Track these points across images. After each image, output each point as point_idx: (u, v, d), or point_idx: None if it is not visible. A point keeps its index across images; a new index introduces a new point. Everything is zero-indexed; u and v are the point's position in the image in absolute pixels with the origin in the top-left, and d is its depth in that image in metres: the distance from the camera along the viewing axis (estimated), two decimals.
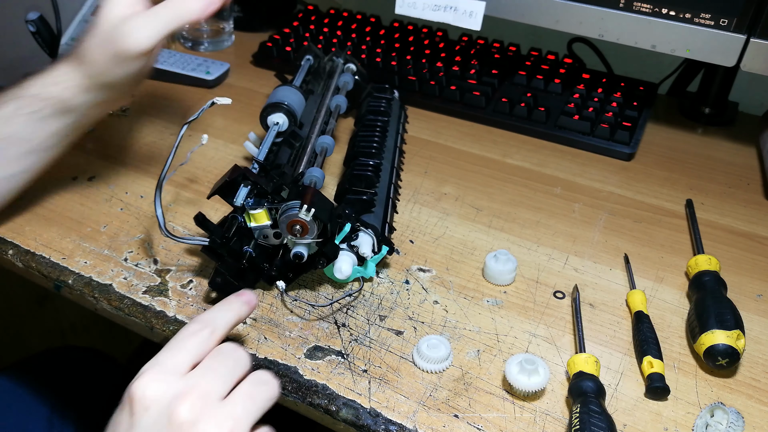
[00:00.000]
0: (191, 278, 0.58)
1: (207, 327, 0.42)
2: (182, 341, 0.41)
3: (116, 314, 0.55)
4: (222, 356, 0.41)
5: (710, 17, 0.71)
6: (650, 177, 0.76)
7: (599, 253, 0.64)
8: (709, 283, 0.56)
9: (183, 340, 0.41)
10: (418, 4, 0.82)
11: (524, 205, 0.70)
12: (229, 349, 0.41)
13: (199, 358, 0.40)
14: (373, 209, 0.59)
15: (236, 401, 0.39)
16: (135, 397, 0.37)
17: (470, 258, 0.62)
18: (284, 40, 0.95)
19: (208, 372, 0.39)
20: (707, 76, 0.88)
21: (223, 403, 0.38)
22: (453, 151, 0.79)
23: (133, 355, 1.18)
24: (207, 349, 0.41)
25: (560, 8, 0.77)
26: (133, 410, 0.37)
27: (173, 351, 0.40)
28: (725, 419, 0.46)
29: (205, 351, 0.41)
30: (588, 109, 0.81)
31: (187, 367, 0.39)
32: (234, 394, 0.39)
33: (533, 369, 0.47)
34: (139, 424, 0.37)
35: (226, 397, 0.39)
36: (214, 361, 0.40)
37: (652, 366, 0.50)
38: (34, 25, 0.99)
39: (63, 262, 0.59)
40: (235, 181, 0.53)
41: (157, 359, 0.39)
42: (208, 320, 0.43)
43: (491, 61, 0.90)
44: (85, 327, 1.06)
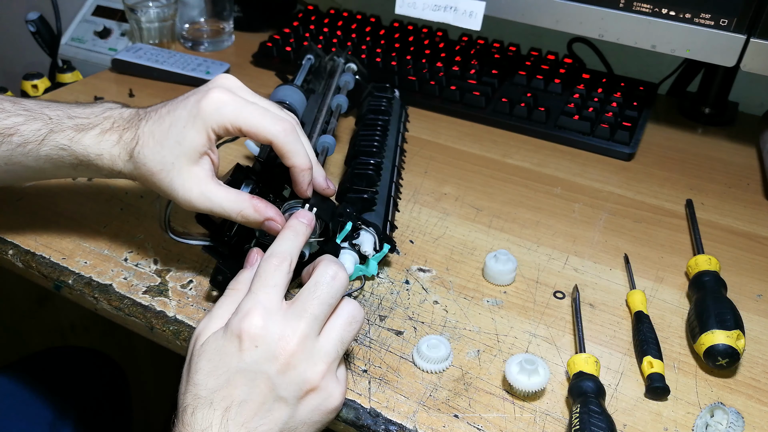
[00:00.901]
0: (191, 278, 0.58)
1: (286, 260, 0.45)
2: (271, 278, 0.44)
3: (116, 314, 0.55)
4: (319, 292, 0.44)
5: (710, 17, 0.71)
6: (650, 177, 0.76)
7: (599, 253, 0.64)
8: (709, 283, 0.56)
9: (271, 277, 0.44)
10: (418, 4, 0.82)
11: (524, 205, 0.70)
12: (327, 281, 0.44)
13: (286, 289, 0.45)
14: (374, 208, 0.59)
15: (330, 342, 0.44)
16: (246, 335, 0.41)
17: (470, 258, 0.62)
18: (284, 40, 0.95)
19: (305, 314, 0.43)
20: (707, 76, 0.88)
21: (320, 344, 0.43)
22: (453, 151, 0.79)
23: (133, 356, 1.18)
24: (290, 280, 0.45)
25: (560, 8, 0.77)
26: (243, 346, 0.41)
27: (268, 289, 0.43)
28: (725, 419, 0.46)
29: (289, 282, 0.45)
30: (588, 109, 0.81)
31: (282, 302, 0.44)
32: (328, 334, 0.44)
33: (533, 369, 0.47)
34: (248, 358, 0.41)
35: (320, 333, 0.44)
36: (310, 299, 0.44)
37: (652, 366, 0.50)
38: (34, 25, 0.99)
39: (63, 262, 0.59)
40: (237, 180, 0.53)
41: (256, 298, 0.43)
42: (284, 252, 0.46)
43: (491, 61, 0.90)
44: (85, 327, 1.06)
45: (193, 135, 0.48)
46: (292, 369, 0.42)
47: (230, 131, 0.48)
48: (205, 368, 0.42)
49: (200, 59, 0.92)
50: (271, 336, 0.42)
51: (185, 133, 0.48)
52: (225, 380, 0.41)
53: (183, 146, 0.48)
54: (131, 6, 0.94)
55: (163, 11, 0.95)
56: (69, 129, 0.51)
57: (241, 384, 0.41)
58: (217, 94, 0.48)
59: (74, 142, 0.50)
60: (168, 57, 0.91)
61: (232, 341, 0.42)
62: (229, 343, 0.42)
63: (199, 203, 0.48)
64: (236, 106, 0.48)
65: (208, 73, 0.89)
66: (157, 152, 0.48)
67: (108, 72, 0.93)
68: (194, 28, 1.02)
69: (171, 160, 0.48)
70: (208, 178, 0.49)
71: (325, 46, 0.93)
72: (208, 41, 1.00)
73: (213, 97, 0.48)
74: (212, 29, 1.01)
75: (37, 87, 0.92)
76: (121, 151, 0.50)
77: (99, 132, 0.50)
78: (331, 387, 0.44)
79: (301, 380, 0.42)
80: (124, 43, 1.00)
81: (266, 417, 0.42)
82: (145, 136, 0.49)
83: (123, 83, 0.89)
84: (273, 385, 0.42)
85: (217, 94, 0.48)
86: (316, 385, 0.43)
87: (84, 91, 0.87)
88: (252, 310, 0.42)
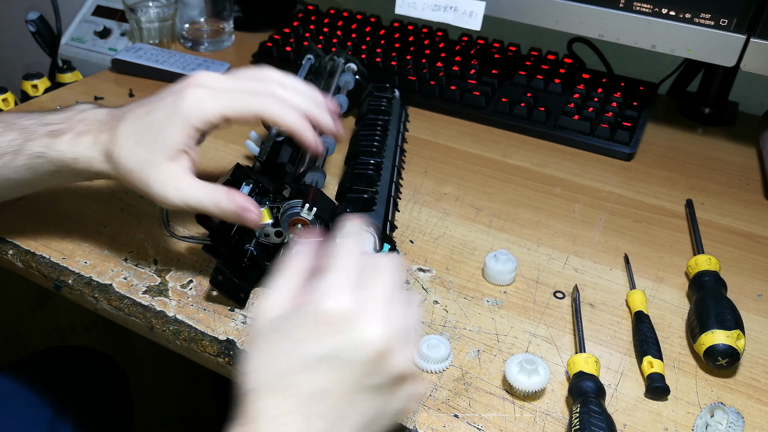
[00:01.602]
0: (191, 278, 0.58)
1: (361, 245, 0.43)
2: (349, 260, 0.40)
3: (116, 314, 0.55)
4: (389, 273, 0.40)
5: (710, 17, 0.71)
6: (650, 177, 0.76)
7: (599, 253, 0.64)
8: (709, 283, 0.56)
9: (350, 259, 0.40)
10: (418, 4, 0.82)
11: (524, 205, 0.70)
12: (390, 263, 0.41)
13: None
14: (374, 208, 0.59)
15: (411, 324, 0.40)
16: (329, 317, 0.37)
17: (470, 258, 0.62)
18: (284, 40, 0.95)
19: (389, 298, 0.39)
20: (707, 76, 0.88)
21: (405, 327, 0.39)
22: (453, 151, 0.79)
23: (133, 356, 1.18)
24: None
25: (560, 8, 0.77)
26: (324, 330, 0.37)
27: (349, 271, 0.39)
28: (725, 419, 0.46)
29: None
30: (588, 109, 0.81)
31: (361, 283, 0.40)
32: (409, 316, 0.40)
33: (533, 369, 0.47)
34: (331, 343, 0.37)
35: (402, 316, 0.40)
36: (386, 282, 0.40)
37: (652, 366, 0.50)
38: (34, 25, 0.99)
39: (63, 262, 0.59)
40: (237, 180, 0.53)
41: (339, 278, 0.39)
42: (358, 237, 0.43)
43: (491, 61, 0.90)
44: (85, 327, 1.06)
45: (172, 133, 0.48)
46: (380, 359, 0.37)
47: (215, 123, 0.49)
48: (282, 349, 0.38)
49: (200, 59, 0.92)
50: (361, 320, 0.37)
51: (163, 132, 0.48)
52: (302, 365, 0.37)
53: (160, 144, 0.48)
54: (131, 6, 0.94)
55: (163, 11, 0.95)
56: (43, 136, 0.51)
57: (324, 372, 0.37)
58: (192, 91, 0.49)
59: (49, 149, 0.51)
60: (168, 57, 0.91)
61: (313, 323, 0.38)
62: (311, 325, 0.38)
63: (174, 198, 0.49)
64: (214, 99, 0.49)
65: None
66: (134, 152, 0.49)
67: (108, 72, 0.93)
68: (194, 28, 1.02)
69: (148, 158, 0.49)
70: (183, 174, 0.49)
71: (325, 46, 0.93)
72: (208, 41, 1.00)
73: (190, 94, 0.49)
74: (212, 29, 1.01)
75: (37, 87, 0.92)
76: (97, 153, 0.50)
77: (73, 136, 0.51)
78: (416, 372, 0.41)
79: (391, 367, 0.38)
80: (124, 43, 1.00)
81: (350, 409, 0.37)
82: (122, 137, 0.49)
83: (123, 83, 0.89)
84: (360, 374, 0.37)
85: (192, 91, 0.49)
86: (407, 372, 0.39)
87: (84, 91, 0.87)
88: (337, 287, 0.38)
